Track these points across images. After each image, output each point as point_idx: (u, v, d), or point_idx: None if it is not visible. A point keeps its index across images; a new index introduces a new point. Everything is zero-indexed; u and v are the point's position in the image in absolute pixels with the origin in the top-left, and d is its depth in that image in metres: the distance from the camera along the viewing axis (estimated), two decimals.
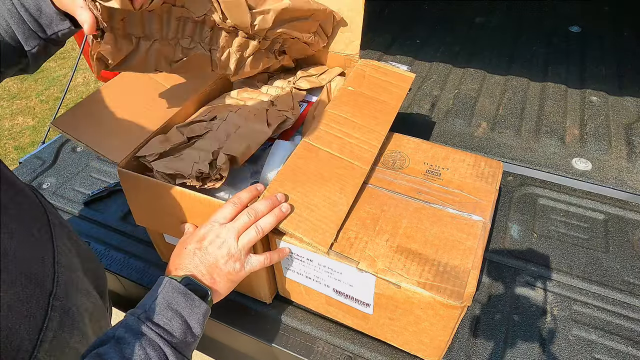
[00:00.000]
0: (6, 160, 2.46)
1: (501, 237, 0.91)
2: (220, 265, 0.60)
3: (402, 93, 0.84)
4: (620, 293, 0.80)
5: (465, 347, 0.74)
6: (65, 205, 1.04)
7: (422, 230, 0.66)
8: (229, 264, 0.60)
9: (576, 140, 1.12)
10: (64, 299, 0.53)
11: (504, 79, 1.34)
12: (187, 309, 0.54)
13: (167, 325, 0.52)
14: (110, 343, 0.49)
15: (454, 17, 1.69)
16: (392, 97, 0.83)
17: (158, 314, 0.52)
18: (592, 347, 0.73)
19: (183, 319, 0.53)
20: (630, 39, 1.49)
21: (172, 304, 0.53)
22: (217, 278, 0.60)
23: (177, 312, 0.53)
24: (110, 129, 0.78)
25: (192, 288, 0.56)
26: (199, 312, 0.55)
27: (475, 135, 1.16)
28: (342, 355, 0.74)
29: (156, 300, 0.53)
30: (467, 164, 0.76)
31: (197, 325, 0.55)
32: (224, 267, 0.60)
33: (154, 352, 0.49)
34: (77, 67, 1.35)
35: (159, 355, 0.50)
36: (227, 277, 0.61)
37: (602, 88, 1.27)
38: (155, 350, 0.49)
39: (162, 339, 0.51)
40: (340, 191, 0.67)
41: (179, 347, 0.52)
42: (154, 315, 0.52)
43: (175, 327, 0.52)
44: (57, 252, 0.55)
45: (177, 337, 0.52)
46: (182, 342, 0.53)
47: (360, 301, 0.68)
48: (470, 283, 0.59)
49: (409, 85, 0.87)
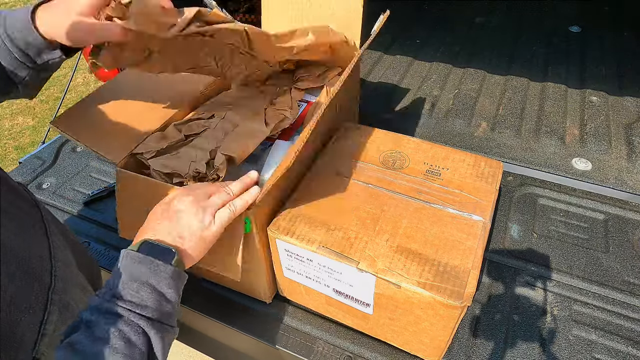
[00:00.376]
0: (6, 160, 2.46)
1: (501, 237, 0.91)
2: (190, 221, 0.56)
3: None
4: (620, 293, 0.80)
5: (465, 347, 0.74)
6: (65, 205, 1.04)
7: (422, 230, 0.66)
8: (198, 218, 0.56)
9: (576, 140, 1.12)
10: (62, 293, 0.53)
11: (504, 79, 1.34)
12: (153, 276, 0.50)
13: (135, 298, 0.48)
14: (80, 328, 0.46)
15: (454, 17, 1.69)
16: None
17: (123, 289, 0.48)
18: (592, 347, 0.73)
19: (152, 287, 0.49)
20: (630, 39, 1.49)
21: (134, 274, 0.49)
22: (185, 235, 0.55)
23: (143, 281, 0.49)
24: (110, 128, 0.78)
25: (154, 251, 0.52)
26: (166, 276, 0.51)
27: (475, 135, 1.16)
28: (342, 355, 0.74)
29: (117, 273, 0.49)
30: (467, 164, 0.76)
31: (169, 290, 0.51)
32: (193, 223, 0.56)
33: (127, 328, 0.46)
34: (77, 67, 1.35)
35: (134, 329, 0.46)
36: (199, 235, 0.56)
37: (602, 88, 1.27)
38: (129, 324, 0.46)
39: (133, 313, 0.47)
40: None
41: (156, 317, 0.48)
42: (120, 291, 0.48)
43: (145, 298, 0.48)
44: (53, 247, 0.54)
45: (150, 308, 0.48)
46: (157, 311, 0.49)
47: (360, 301, 0.68)
48: (470, 283, 0.59)
49: None
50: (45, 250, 0.53)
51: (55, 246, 0.55)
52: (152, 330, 0.47)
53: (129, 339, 0.45)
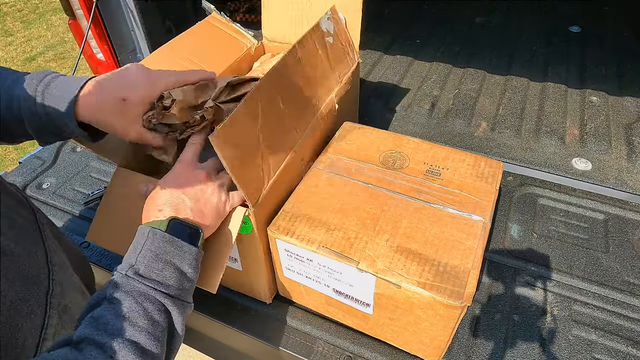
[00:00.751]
0: (6, 160, 2.46)
1: (501, 237, 0.91)
2: (208, 196, 0.57)
3: None
4: (620, 293, 0.80)
5: (465, 347, 0.74)
6: (65, 205, 1.04)
7: (422, 230, 0.66)
8: (215, 194, 0.58)
9: (576, 140, 1.12)
10: (61, 297, 0.53)
11: (504, 79, 1.34)
12: (177, 257, 0.51)
13: (160, 277, 0.49)
14: (103, 304, 0.46)
15: (454, 17, 1.69)
16: None
17: (148, 267, 0.49)
18: (592, 347, 0.73)
19: (175, 267, 0.51)
20: (630, 39, 1.49)
21: (159, 254, 0.50)
22: (205, 211, 0.56)
23: (167, 261, 0.50)
24: None
25: (182, 229, 0.53)
26: (190, 257, 0.52)
27: (475, 135, 1.16)
28: (342, 355, 0.74)
29: (141, 252, 0.50)
30: (467, 164, 0.76)
31: (191, 269, 0.52)
32: (212, 199, 0.57)
33: (151, 305, 0.47)
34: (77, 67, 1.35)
35: (158, 307, 0.48)
36: (216, 209, 0.58)
37: (602, 88, 1.27)
38: (153, 303, 0.48)
39: (157, 291, 0.48)
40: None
41: (177, 295, 0.50)
42: (144, 269, 0.49)
43: (168, 277, 0.50)
44: (49, 251, 0.54)
45: (172, 287, 0.50)
46: (178, 289, 0.50)
47: (360, 301, 0.68)
48: (470, 283, 0.59)
49: None
50: (42, 254, 0.53)
51: (51, 250, 0.55)
52: (173, 308, 0.49)
53: (152, 317, 0.47)
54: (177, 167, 0.59)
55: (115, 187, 0.72)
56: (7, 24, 3.70)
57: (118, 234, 0.70)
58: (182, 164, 0.60)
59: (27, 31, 3.60)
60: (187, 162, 0.60)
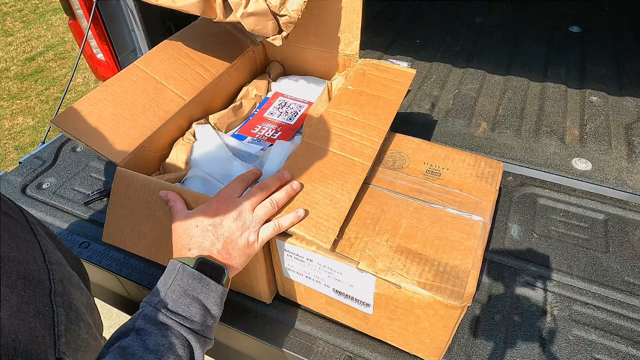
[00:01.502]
0: (6, 160, 2.46)
1: (501, 237, 0.91)
2: (236, 238, 0.58)
3: (403, 89, 0.84)
4: (620, 293, 0.80)
5: (465, 347, 0.74)
6: (65, 205, 1.04)
7: (422, 230, 0.66)
8: (244, 236, 0.59)
9: (576, 140, 1.12)
10: (64, 295, 0.53)
11: (504, 79, 1.34)
12: (203, 294, 0.53)
13: (186, 312, 0.51)
14: (131, 335, 0.48)
15: (454, 17, 1.69)
16: (392, 94, 0.83)
17: (175, 302, 0.51)
18: (592, 347, 0.73)
19: (201, 304, 0.53)
20: (630, 39, 1.49)
21: (187, 290, 0.53)
22: (232, 253, 0.58)
23: (194, 297, 0.52)
24: (110, 127, 0.78)
25: (208, 268, 0.55)
26: (215, 295, 0.54)
27: (475, 135, 1.16)
28: (342, 355, 0.74)
29: (171, 287, 0.52)
30: (467, 164, 0.76)
31: (215, 307, 0.55)
32: (239, 241, 0.59)
33: (177, 340, 0.49)
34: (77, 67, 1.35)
35: (182, 342, 0.50)
36: (243, 251, 0.59)
37: (602, 88, 1.27)
38: (178, 338, 0.49)
39: (182, 326, 0.50)
40: (341, 188, 0.67)
41: (200, 331, 0.52)
42: (172, 304, 0.51)
43: (194, 313, 0.52)
44: (45, 250, 0.54)
45: (197, 322, 0.52)
46: (202, 325, 0.53)
47: (360, 301, 0.68)
48: (470, 283, 0.59)
49: (410, 82, 0.87)
50: (39, 255, 0.53)
51: (46, 250, 0.55)
52: (196, 344, 0.51)
53: (176, 351, 0.49)
54: (214, 201, 0.61)
55: (119, 188, 0.73)
56: (7, 24, 3.70)
57: (129, 234, 0.73)
58: (220, 199, 0.61)
59: (27, 31, 3.60)
60: (225, 198, 0.61)
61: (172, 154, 0.86)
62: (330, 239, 0.61)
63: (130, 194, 0.71)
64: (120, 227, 0.73)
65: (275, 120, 0.95)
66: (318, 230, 0.62)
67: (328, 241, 0.61)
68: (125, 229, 0.73)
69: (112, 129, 0.78)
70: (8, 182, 1.10)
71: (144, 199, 0.71)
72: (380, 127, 0.77)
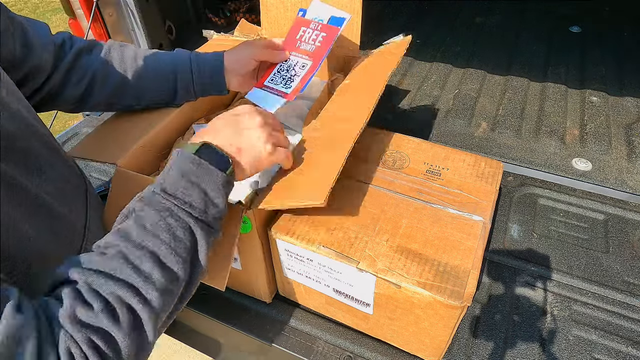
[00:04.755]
0: None
1: (501, 237, 0.91)
2: (254, 138, 0.57)
3: (399, 53, 0.84)
4: (620, 293, 0.80)
5: (465, 347, 0.74)
6: None
7: (422, 230, 0.66)
8: (262, 141, 0.58)
9: (576, 140, 1.12)
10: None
11: (504, 79, 1.34)
12: (202, 179, 0.51)
13: (185, 197, 0.49)
14: (129, 218, 0.48)
15: (454, 17, 1.69)
16: (386, 61, 0.82)
17: (173, 185, 0.50)
18: (592, 347, 0.73)
19: (200, 188, 0.50)
20: (630, 39, 1.49)
21: (185, 173, 0.50)
22: (244, 151, 0.56)
23: (193, 182, 0.50)
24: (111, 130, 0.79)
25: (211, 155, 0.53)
26: (216, 181, 0.51)
27: (475, 135, 1.16)
28: (342, 355, 0.74)
29: (169, 172, 0.51)
30: (467, 164, 0.76)
31: (217, 195, 0.51)
32: (257, 142, 0.57)
33: (175, 223, 0.48)
34: None
35: (182, 225, 0.48)
36: (256, 155, 0.57)
37: (602, 88, 1.27)
38: (177, 220, 0.48)
39: (181, 209, 0.49)
40: (331, 151, 0.65)
41: (202, 219, 0.50)
42: (169, 187, 0.50)
43: (194, 198, 0.50)
44: (88, 218, 0.62)
45: (198, 209, 0.50)
46: (204, 213, 0.50)
47: (360, 301, 0.68)
48: (470, 283, 0.59)
49: (404, 48, 0.85)
50: (82, 220, 0.61)
51: (90, 218, 0.63)
52: (197, 229, 0.49)
53: (174, 233, 0.47)
54: (242, 106, 0.61)
55: (118, 188, 0.72)
56: None
57: None
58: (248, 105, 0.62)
59: None
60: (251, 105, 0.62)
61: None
62: (323, 194, 0.57)
63: (129, 194, 0.71)
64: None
65: None
66: (309, 193, 0.59)
67: (320, 197, 0.57)
68: None
69: (113, 130, 0.78)
70: None
71: None
72: (372, 90, 0.75)
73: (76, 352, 0.39)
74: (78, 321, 0.40)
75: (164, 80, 0.78)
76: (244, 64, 0.79)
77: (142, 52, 0.78)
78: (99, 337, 0.41)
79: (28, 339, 0.36)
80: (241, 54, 0.79)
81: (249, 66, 0.80)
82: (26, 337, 0.36)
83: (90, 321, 0.41)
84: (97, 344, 0.40)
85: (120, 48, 0.77)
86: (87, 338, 0.40)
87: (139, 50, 0.79)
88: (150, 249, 0.46)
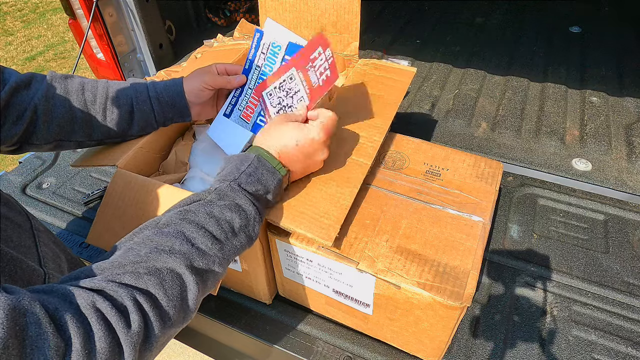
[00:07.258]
0: (6, 160, 2.46)
1: (501, 237, 0.91)
2: (319, 163, 0.67)
3: (403, 87, 0.84)
4: (620, 293, 0.80)
5: (465, 347, 0.74)
6: (65, 205, 1.04)
7: (422, 231, 0.66)
8: (324, 154, 0.66)
9: (576, 140, 1.12)
10: None
11: (504, 79, 1.34)
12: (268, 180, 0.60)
13: (253, 190, 0.59)
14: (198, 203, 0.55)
15: (454, 17, 1.69)
16: (392, 93, 0.83)
17: (246, 180, 0.58)
18: (592, 347, 0.73)
19: (265, 187, 0.60)
20: (630, 39, 1.49)
21: (253, 174, 0.59)
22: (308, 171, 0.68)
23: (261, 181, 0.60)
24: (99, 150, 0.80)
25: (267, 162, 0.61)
26: (275, 180, 0.61)
27: (475, 136, 1.16)
28: (342, 355, 0.74)
29: (244, 171, 0.59)
30: (467, 164, 0.76)
31: (273, 194, 0.61)
32: (315, 155, 0.65)
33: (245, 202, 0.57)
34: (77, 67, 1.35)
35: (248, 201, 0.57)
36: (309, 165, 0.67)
37: (602, 88, 1.27)
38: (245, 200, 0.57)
39: (249, 200, 0.58)
40: (342, 186, 0.67)
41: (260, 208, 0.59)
42: (244, 183, 0.58)
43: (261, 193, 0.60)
44: (42, 257, 0.56)
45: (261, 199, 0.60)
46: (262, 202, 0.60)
47: (360, 302, 0.68)
48: (469, 284, 0.59)
49: (410, 80, 0.86)
50: (35, 260, 0.55)
51: (44, 257, 0.57)
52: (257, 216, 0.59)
53: (244, 210, 0.57)
54: (314, 133, 0.64)
55: (115, 188, 0.72)
56: (7, 24, 3.70)
57: (118, 235, 0.70)
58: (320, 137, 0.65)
59: (27, 31, 3.60)
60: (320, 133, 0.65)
61: (172, 155, 0.86)
62: (332, 236, 0.61)
63: (126, 195, 0.71)
64: (110, 229, 0.72)
65: None
66: (319, 228, 0.62)
67: (329, 238, 0.61)
68: (116, 230, 0.71)
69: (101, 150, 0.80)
70: (8, 181, 1.10)
71: (139, 200, 0.70)
72: (380, 125, 0.77)
73: (102, 305, 0.40)
74: (120, 284, 0.42)
75: (116, 113, 0.73)
76: (196, 93, 0.77)
77: (90, 83, 0.73)
78: (145, 297, 0.43)
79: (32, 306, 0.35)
80: (194, 84, 0.76)
81: (203, 96, 0.77)
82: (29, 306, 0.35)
83: (134, 283, 0.43)
84: (142, 304, 0.42)
85: (64, 80, 0.71)
86: (132, 296, 0.42)
87: (87, 82, 0.73)
88: (210, 230, 0.52)
